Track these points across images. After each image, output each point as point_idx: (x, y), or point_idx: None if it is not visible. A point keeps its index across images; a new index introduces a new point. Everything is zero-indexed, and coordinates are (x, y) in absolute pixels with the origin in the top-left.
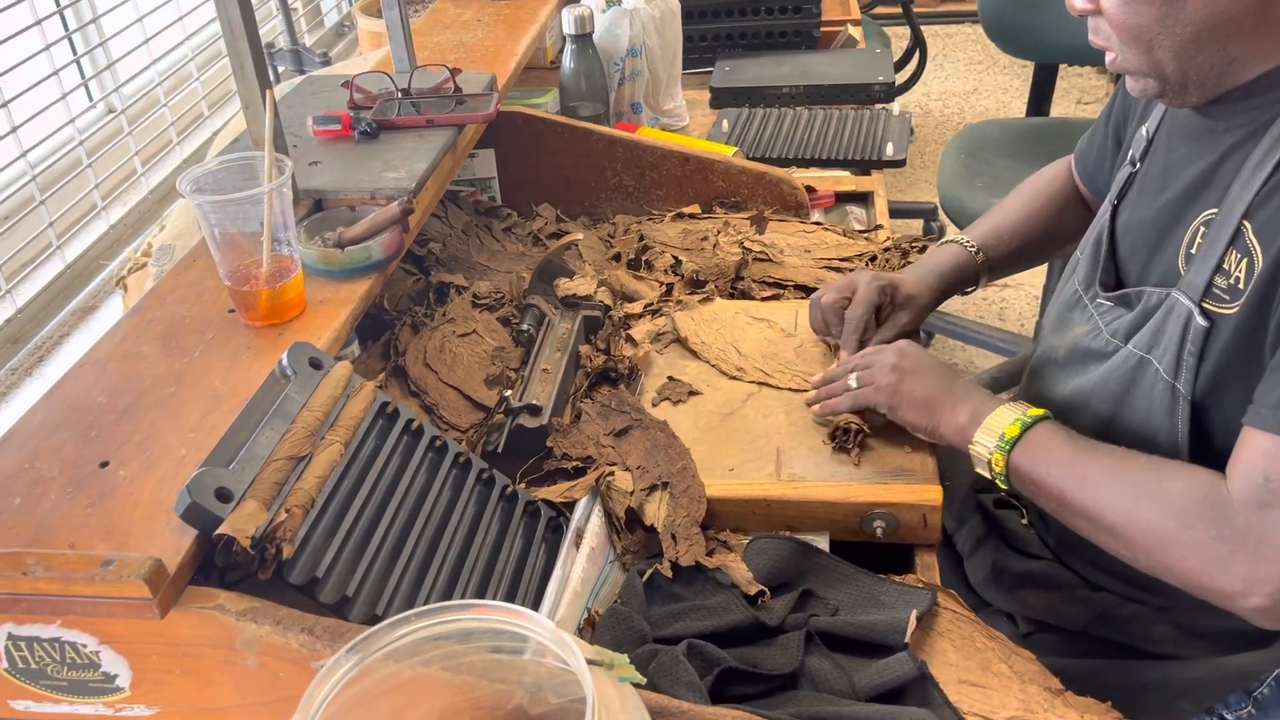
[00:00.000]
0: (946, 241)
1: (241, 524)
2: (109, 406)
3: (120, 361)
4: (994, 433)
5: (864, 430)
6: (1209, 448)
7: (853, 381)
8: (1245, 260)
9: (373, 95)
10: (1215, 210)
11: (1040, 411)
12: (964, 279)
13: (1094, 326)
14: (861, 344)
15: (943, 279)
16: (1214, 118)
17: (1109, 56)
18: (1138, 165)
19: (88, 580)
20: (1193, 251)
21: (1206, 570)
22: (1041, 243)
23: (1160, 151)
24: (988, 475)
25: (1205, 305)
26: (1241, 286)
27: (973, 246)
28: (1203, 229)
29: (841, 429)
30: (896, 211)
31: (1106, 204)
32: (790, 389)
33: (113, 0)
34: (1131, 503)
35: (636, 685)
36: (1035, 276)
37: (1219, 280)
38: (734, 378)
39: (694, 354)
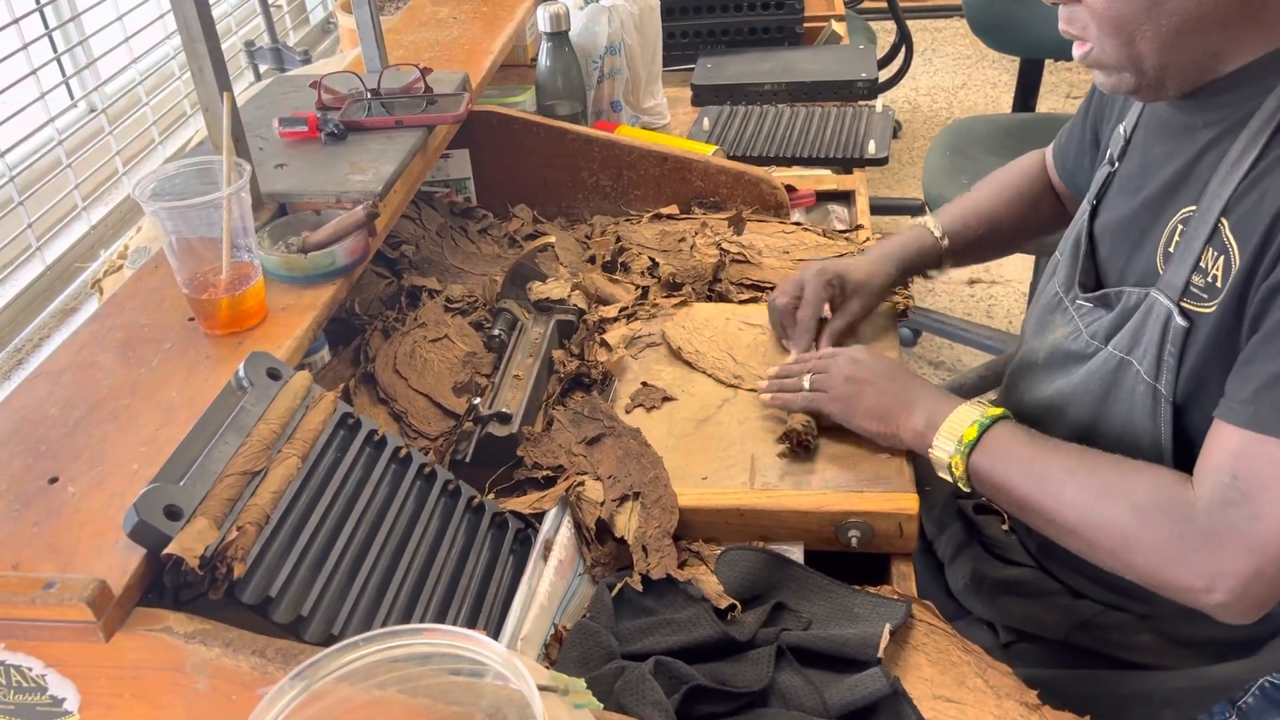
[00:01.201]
0: (915, 226)
1: (190, 543)
2: (61, 420)
3: (76, 372)
4: (952, 436)
5: (811, 435)
6: (1192, 450)
7: (806, 383)
8: (1222, 258)
9: (341, 96)
10: (1193, 207)
11: (998, 411)
12: (925, 262)
13: (1074, 328)
14: (816, 341)
15: (899, 263)
16: (1191, 113)
17: (1080, 49)
18: (1116, 164)
19: (29, 603)
20: (1170, 250)
21: (1167, 567)
22: (1009, 232)
23: (1138, 149)
24: (950, 479)
25: (1184, 305)
26: (1219, 285)
27: (938, 230)
28: (1180, 227)
29: (791, 433)
30: (885, 208)
31: (1085, 204)
32: None
33: None
34: (1093, 501)
35: (594, 709)
36: (1023, 274)
37: (1196, 279)
38: (733, 385)
39: (689, 365)
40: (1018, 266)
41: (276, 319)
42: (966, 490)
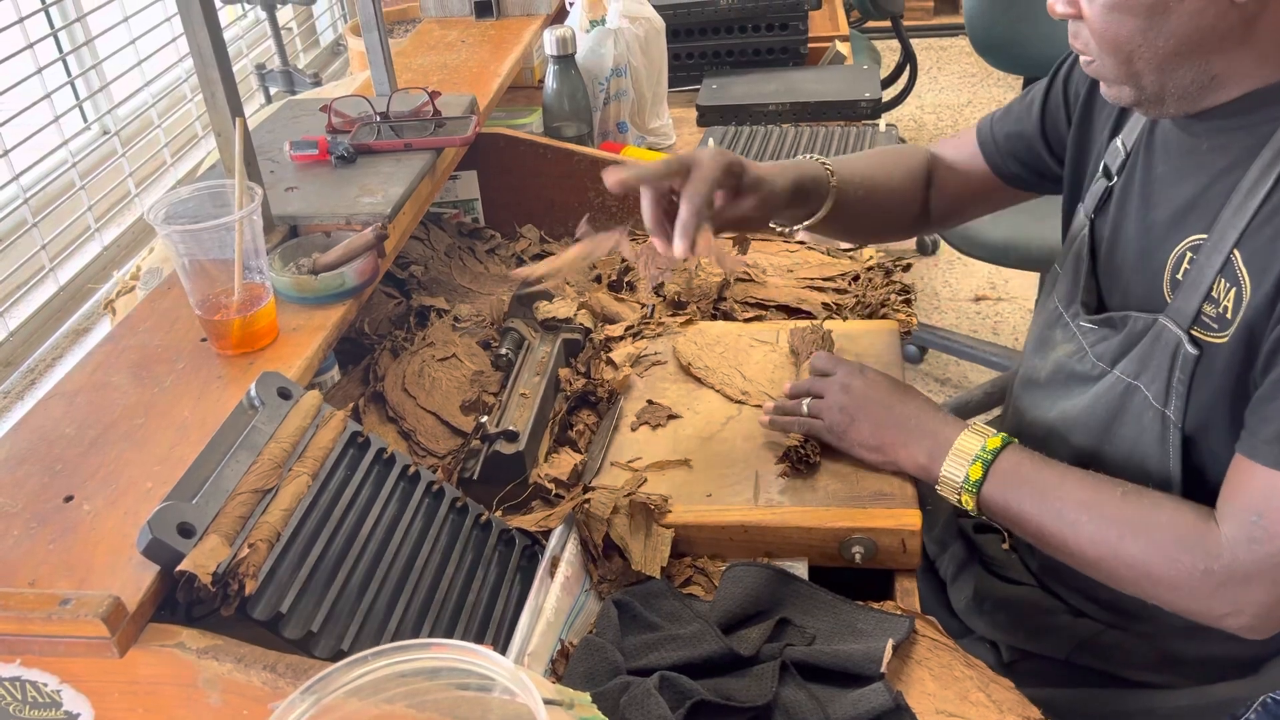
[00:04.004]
0: (804, 157)
1: (203, 560)
2: (76, 439)
3: (90, 392)
4: (957, 472)
5: (812, 452)
6: (1201, 477)
7: (804, 407)
8: (1234, 290)
9: (351, 119)
10: (1204, 236)
11: (998, 442)
12: (815, 190)
13: (1078, 347)
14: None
15: (798, 173)
16: (1197, 135)
17: (1085, 61)
18: (1115, 179)
19: (45, 619)
20: (1179, 277)
21: (1194, 598)
22: (882, 208)
23: (1141, 167)
24: (959, 507)
25: (1194, 333)
26: (1230, 316)
27: (828, 166)
28: (1190, 254)
29: (790, 450)
30: None
31: (1083, 218)
32: None
33: (107, 22)
34: (1114, 539)
35: None
36: (1029, 290)
37: (1208, 308)
38: (740, 401)
39: (698, 380)
40: (1024, 284)
41: (287, 339)
42: (981, 517)
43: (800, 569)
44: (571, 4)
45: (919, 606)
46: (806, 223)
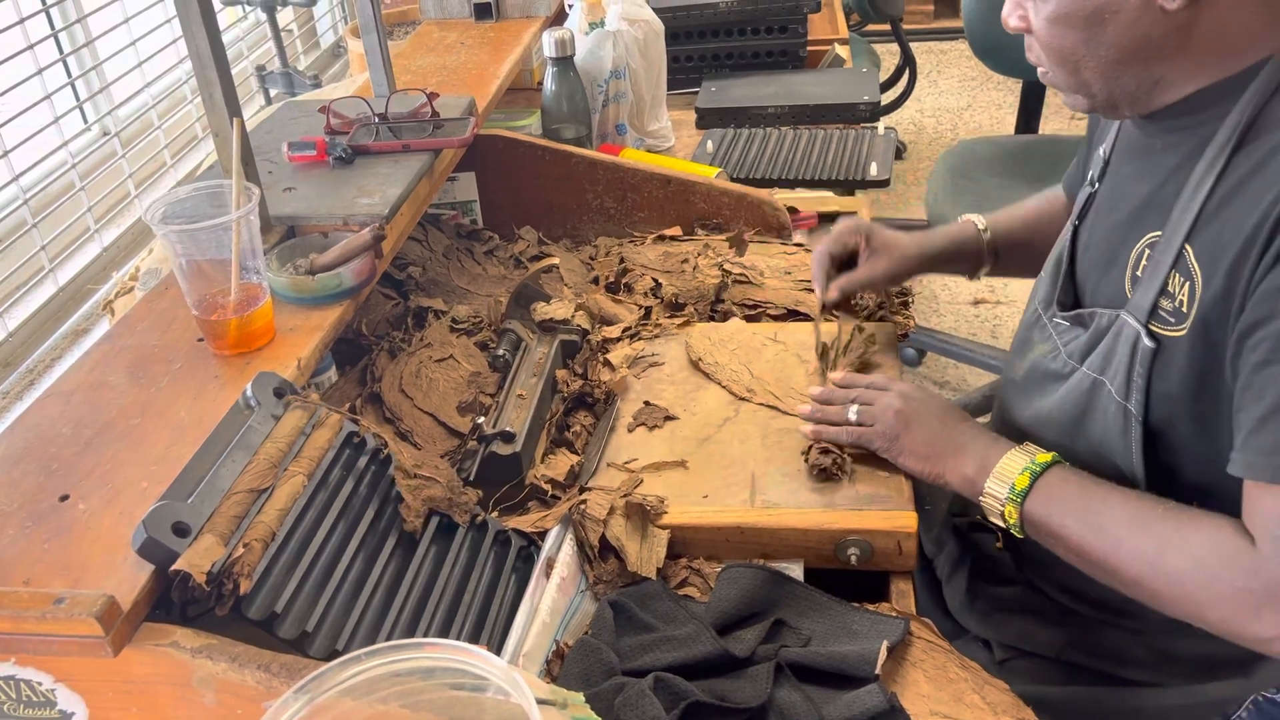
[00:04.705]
0: (959, 220)
1: (197, 559)
2: (73, 438)
3: (87, 392)
4: (1004, 483)
5: (845, 458)
6: (1169, 472)
7: (852, 415)
8: (1187, 284)
9: (349, 120)
10: (1159, 233)
11: (1049, 456)
12: (963, 252)
13: (1053, 346)
14: (832, 282)
15: (935, 239)
16: (1151, 135)
17: (1041, 73)
18: (1096, 185)
19: (39, 618)
20: (1138, 273)
21: (1238, 619)
22: (1045, 242)
23: (1113, 171)
24: (1002, 525)
25: (1152, 327)
26: (1185, 310)
27: (981, 224)
28: (1147, 251)
29: (824, 452)
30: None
31: (1069, 224)
32: (783, 411)
33: (107, 23)
34: (1154, 555)
35: None
36: (1027, 294)
37: (1164, 302)
38: (744, 398)
39: (705, 375)
40: (1023, 287)
41: (284, 339)
42: (1020, 536)
43: (796, 570)
44: (571, 6)
45: (915, 607)
46: (983, 271)
